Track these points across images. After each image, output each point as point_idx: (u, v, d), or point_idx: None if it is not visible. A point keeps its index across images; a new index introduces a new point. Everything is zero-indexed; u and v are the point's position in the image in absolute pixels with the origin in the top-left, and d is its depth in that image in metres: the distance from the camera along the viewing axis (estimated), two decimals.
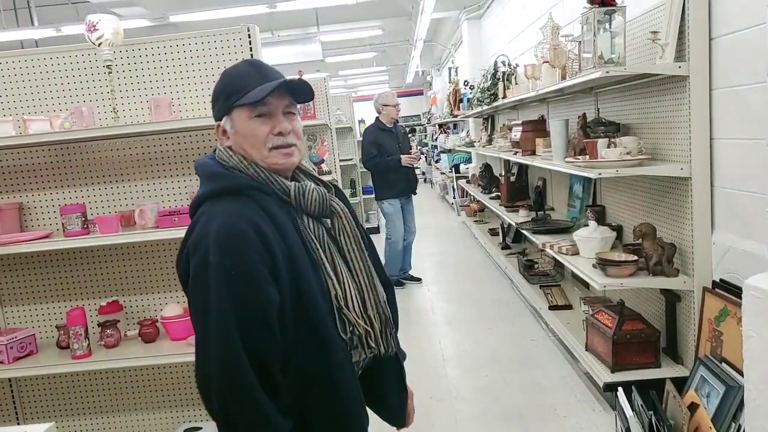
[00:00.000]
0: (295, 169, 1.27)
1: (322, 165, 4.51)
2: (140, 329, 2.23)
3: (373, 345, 1.22)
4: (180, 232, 1.18)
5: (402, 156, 4.93)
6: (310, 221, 1.20)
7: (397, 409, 1.37)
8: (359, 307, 1.20)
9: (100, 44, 2.05)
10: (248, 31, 2.23)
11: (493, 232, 6.10)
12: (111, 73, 2.13)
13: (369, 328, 1.21)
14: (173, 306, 2.22)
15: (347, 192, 6.60)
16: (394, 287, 1.35)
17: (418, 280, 5.26)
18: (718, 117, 2.20)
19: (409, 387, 1.43)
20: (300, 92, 1.21)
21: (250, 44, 2.23)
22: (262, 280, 1.07)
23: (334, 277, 1.18)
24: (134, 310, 2.39)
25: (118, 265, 2.37)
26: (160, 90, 2.28)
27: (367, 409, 1.28)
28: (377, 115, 5.12)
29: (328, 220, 1.23)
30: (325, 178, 1.53)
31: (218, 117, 1.23)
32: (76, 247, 2.27)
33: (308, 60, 8.36)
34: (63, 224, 2.09)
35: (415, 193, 5.23)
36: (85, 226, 2.10)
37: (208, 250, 1.07)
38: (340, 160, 5.95)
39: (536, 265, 4.36)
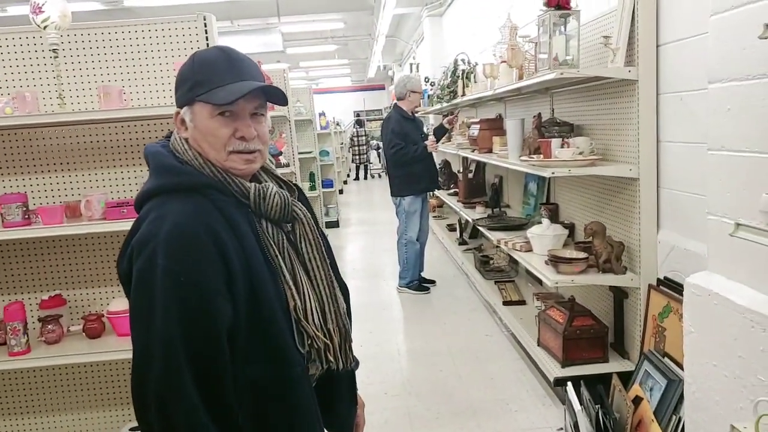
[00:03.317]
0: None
1: (280, 157, 4.46)
2: (84, 324, 2.14)
3: (332, 359, 1.16)
4: (129, 225, 1.12)
5: (426, 142, 4.48)
6: (269, 226, 1.13)
7: (346, 421, 1.32)
8: (319, 320, 1.14)
9: (45, 27, 1.95)
10: (204, 20, 2.16)
11: (451, 228, 6.17)
12: (57, 57, 2.03)
13: (328, 342, 1.15)
14: (120, 300, 2.15)
15: (306, 185, 6.52)
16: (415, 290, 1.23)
17: (432, 282, 4.86)
18: (665, 121, 2.28)
19: (360, 397, 1.38)
20: (273, 96, 1.13)
21: (206, 33, 2.17)
22: (213, 291, 1.00)
23: (293, 287, 1.11)
24: (78, 304, 2.30)
25: (62, 257, 2.27)
26: (110, 77, 2.19)
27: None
28: (396, 101, 4.60)
29: (288, 225, 1.17)
30: (284, 171, 1.50)
31: (179, 104, 1.12)
32: (16, 239, 2.17)
33: (268, 50, 8.23)
34: (2, 214, 1.98)
35: (439, 188, 4.70)
36: (27, 216, 2.00)
37: (157, 252, 0.99)
38: (299, 153, 5.88)
39: (492, 261, 4.43)
